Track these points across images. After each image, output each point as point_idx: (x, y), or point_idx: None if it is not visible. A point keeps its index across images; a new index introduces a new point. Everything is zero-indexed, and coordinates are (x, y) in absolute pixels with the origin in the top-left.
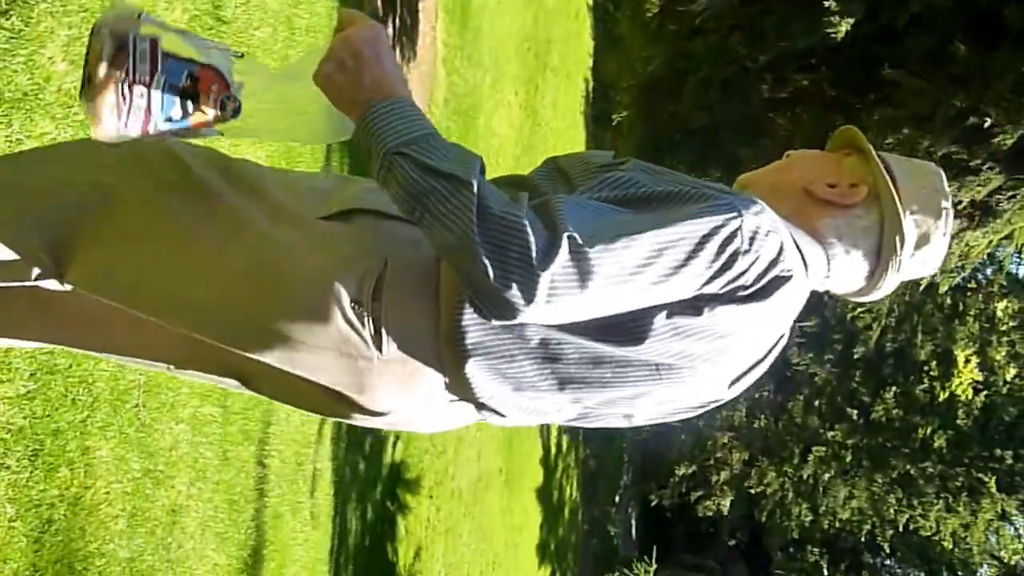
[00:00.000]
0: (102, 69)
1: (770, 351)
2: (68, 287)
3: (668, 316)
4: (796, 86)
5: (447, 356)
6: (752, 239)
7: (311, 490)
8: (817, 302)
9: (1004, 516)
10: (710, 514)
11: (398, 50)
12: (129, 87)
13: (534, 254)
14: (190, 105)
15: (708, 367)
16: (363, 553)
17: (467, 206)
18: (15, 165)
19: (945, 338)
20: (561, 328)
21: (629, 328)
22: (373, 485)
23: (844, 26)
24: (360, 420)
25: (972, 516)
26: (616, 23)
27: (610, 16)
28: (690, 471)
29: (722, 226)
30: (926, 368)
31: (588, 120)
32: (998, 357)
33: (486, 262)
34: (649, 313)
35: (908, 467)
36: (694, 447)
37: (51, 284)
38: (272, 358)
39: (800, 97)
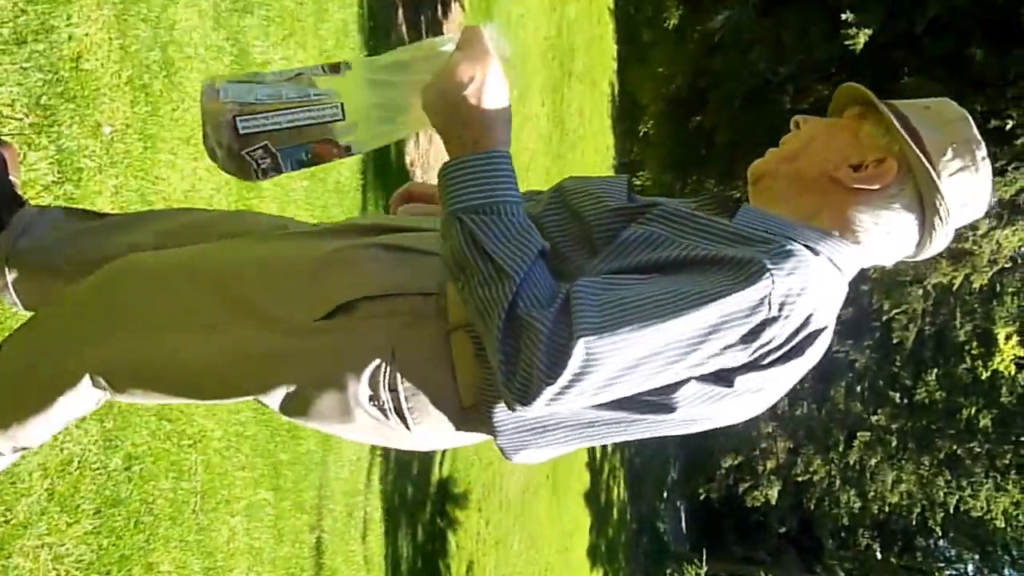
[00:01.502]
0: (231, 169)
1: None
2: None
3: (698, 388)
4: (818, 96)
5: (476, 423)
6: (782, 305)
7: (363, 535)
8: (855, 295)
9: None
10: (758, 504)
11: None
12: (263, 174)
13: (543, 367)
14: (318, 164)
15: (743, 412)
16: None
17: (500, 300)
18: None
19: (984, 318)
20: (606, 407)
21: (659, 403)
22: (422, 506)
23: (862, 37)
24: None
25: (1023, 494)
26: (638, 27)
27: (632, 19)
28: (736, 462)
29: (751, 303)
30: (967, 348)
31: (615, 125)
32: None
33: (500, 357)
34: (679, 386)
35: (955, 448)
36: (739, 438)
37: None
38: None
39: (823, 106)
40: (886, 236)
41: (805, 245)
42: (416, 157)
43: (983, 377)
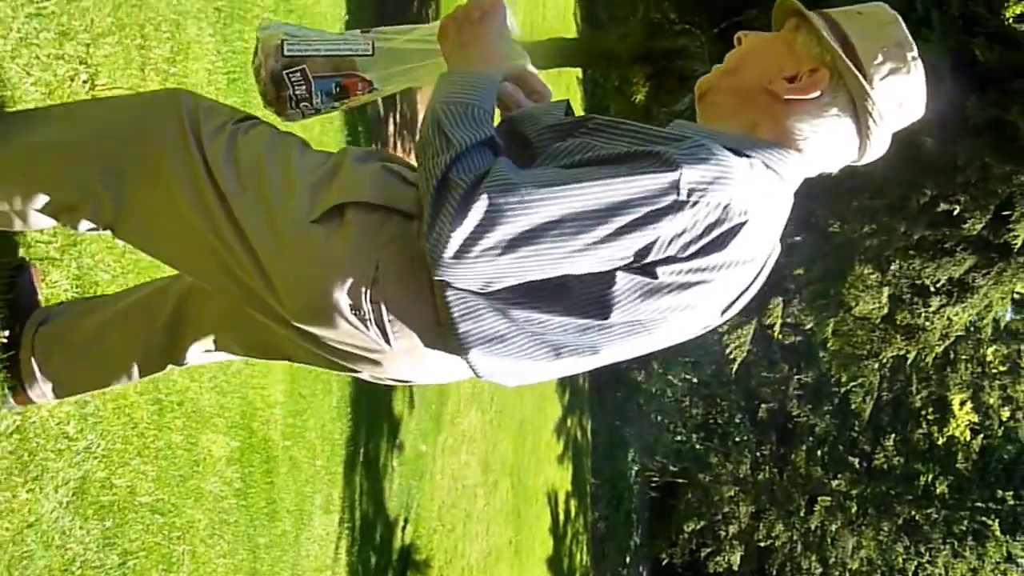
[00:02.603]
0: (271, 95)
1: (759, 273)
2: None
3: (626, 282)
4: None
5: (448, 343)
6: (691, 191)
7: None
8: (813, 358)
9: (1010, 558)
10: (721, 570)
11: (399, 143)
12: (296, 103)
13: (451, 216)
14: (344, 101)
15: (688, 313)
16: None
17: (440, 165)
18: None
19: (938, 385)
20: (537, 307)
21: (592, 301)
22: (386, 574)
23: None
24: (390, 383)
25: (979, 560)
26: (606, 97)
27: (600, 88)
28: (699, 527)
29: (659, 186)
30: (923, 414)
31: None
32: (991, 400)
33: (428, 213)
34: (604, 282)
35: (913, 513)
36: (701, 503)
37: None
38: (300, 339)
39: None
40: (825, 142)
41: (733, 149)
42: None
43: (939, 443)
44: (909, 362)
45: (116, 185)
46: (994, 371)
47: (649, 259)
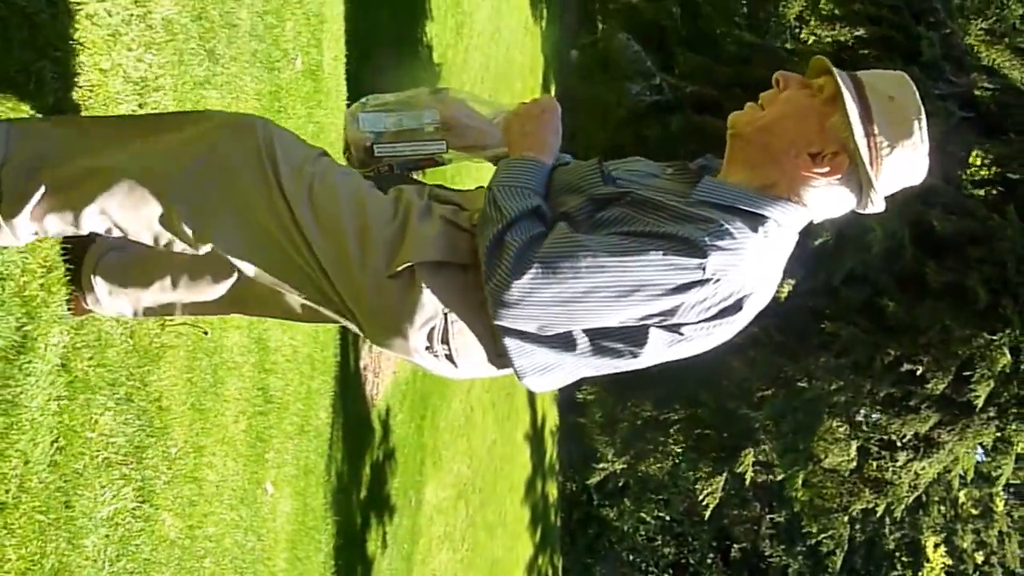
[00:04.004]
0: (357, 165)
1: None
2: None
3: (656, 335)
4: (748, 331)
5: (506, 363)
6: (715, 272)
7: None
8: (785, 498)
9: None
10: None
11: (366, 345)
12: (378, 174)
13: (507, 273)
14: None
15: (708, 345)
16: None
17: (493, 229)
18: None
19: (911, 527)
20: (581, 353)
21: (630, 343)
22: None
23: (787, 287)
24: None
25: None
26: None
27: None
28: None
29: (689, 266)
30: (896, 556)
31: None
32: (964, 544)
33: (485, 268)
34: (639, 333)
35: None
36: None
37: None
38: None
39: (753, 342)
40: (829, 204)
41: (752, 212)
42: (369, 362)
43: None
44: (878, 515)
45: (195, 217)
46: (966, 515)
47: (675, 320)
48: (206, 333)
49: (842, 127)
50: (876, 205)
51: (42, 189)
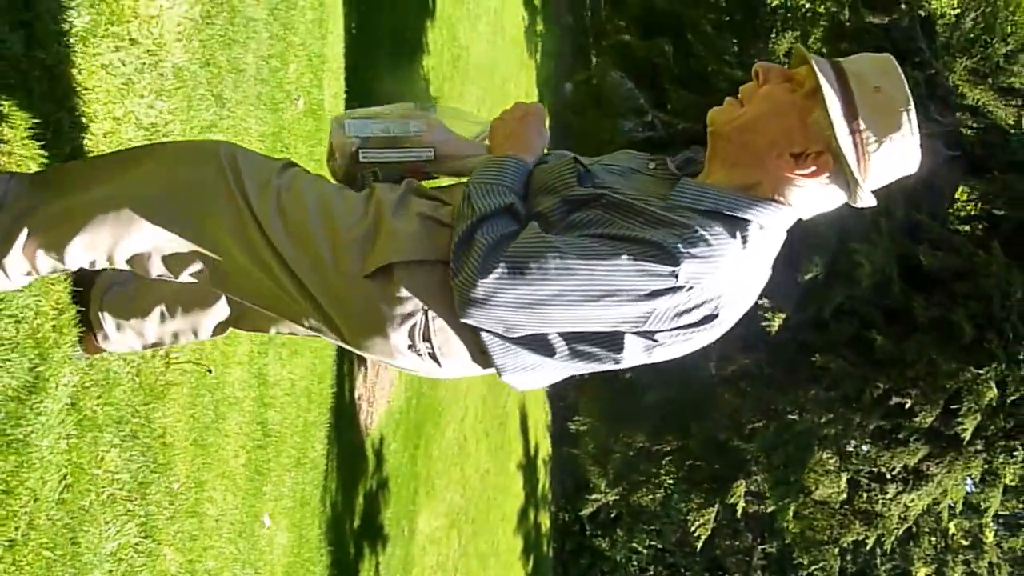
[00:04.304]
0: (343, 181)
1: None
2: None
3: (632, 342)
4: (739, 364)
5: (488, 362)
6: (688, 280)
7: None
8: (777, 528)
9: None
10: None
11: (361, 375)
12: (362, 186)
13: (476, 270)
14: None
15: (690, 348)
16: None
17: (464, 225)
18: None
19: (902, 558)
20: (559, 356)
21: (607, 348)
22: None
23: (777, 321)
24: None
25: None
26: None
27: None
28: None
29: (661, 273)
30: None
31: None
32: (955, 575)
33: (453, 263)
34: (616, 340)
35: None
36: None
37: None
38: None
39: (744, 374)
40: (816, 203)
41: (732, 216)
42: (363, 391)
43: None
44: (869, 547)
45: (166, 246)
46: (956, 546)
47: (647, 327)
48: (210, 371)
49: (825, 124)
50: (865, 201)
51: (25, 231)
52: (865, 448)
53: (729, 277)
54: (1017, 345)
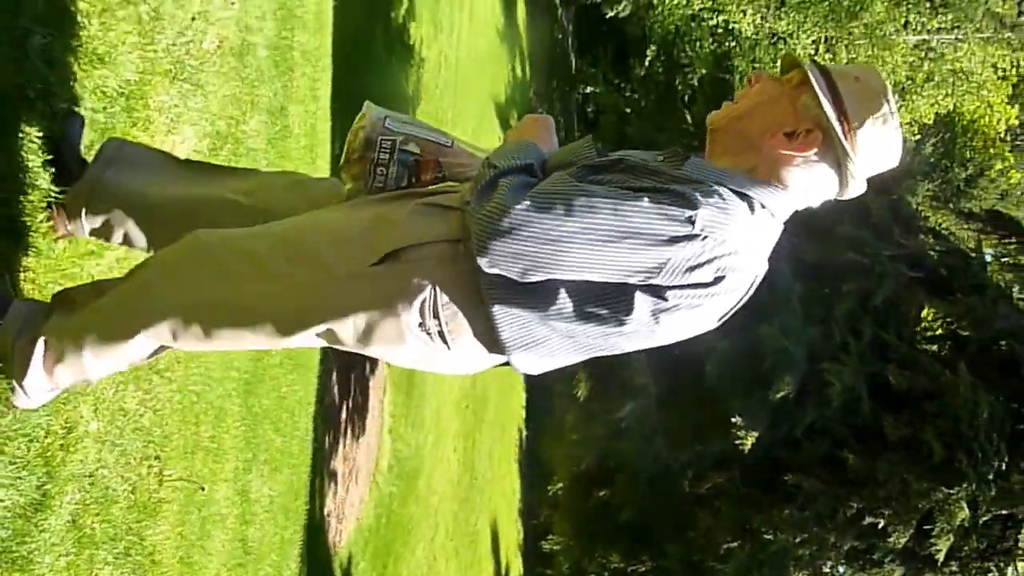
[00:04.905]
0: (357, 153)
1: (748, 289)
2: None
3: (642, 301)
4: (714, 482)
5: (496, 344)
6: (704, 227)
7: None
8: None
9: None
10: None
11: (349, 428)
12: (374, 167)
13: (501, 203)
14: (414, 178)
15: (694, 325)
16: None
17: (485, 176)
18: None
19: None
20: (569, 319)
21: (615, 307)
22: None
23: (750, 439)
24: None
25: None
26: (551, 397)
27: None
28: None
29: (679, 217)
30: None
31: (523, 469)
32: None
33: (475, 201)
34: (625, 300)
35: None
36: None
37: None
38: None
39: (718, 492)
40: (810, 186)
41: (737, 191)
42: (333, 507)
43: None
44: None
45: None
46: None
47: (660, 279)
48: (203, 489)
49: (813, 104)
50: (856, 182)
51: (40, 348)
52: (841, 570)
53: (740, 236)
54: (986, 465)
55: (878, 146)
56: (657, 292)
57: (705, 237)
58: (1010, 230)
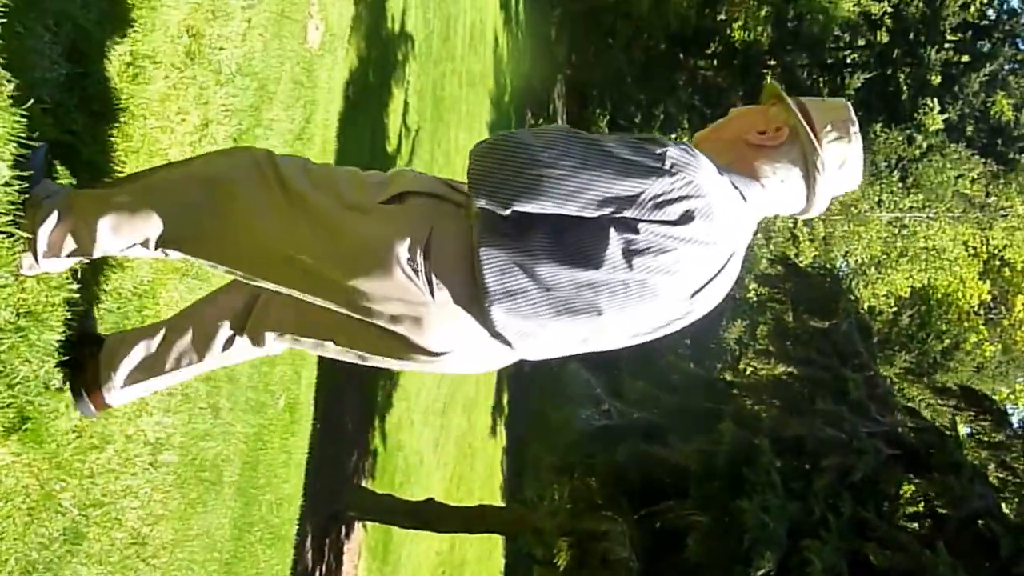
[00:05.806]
0: None
1: (724, 267)
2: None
3: (615, 238)
4: None
5: (478, 298)
6: (673, 165)
7: None
8: None
9: None
10: None
11: None
12: None
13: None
14: None
15: (667, 279)
16: None
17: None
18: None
19: None
20: (546, 260)
21: (589, 254)
22: None
23: None
24: (423, 361)
25: None
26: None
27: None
28: None
29: (651, 153)
30: None
31: None
32: None
33: (472, 149)
34: (599, 237)
35: None
36: None
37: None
38: (352, 309)
39: None
40: (780, 183)
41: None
42: None
43: None
44: None
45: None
46: None
47: (633, 212)
48: None
49: (782, 112)
50: (823, 181)
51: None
52: None
53: (709, 182)
54: None
55: (840, 149)
56: (629, 226)
57: (674, 173)
58: (983, 407)
